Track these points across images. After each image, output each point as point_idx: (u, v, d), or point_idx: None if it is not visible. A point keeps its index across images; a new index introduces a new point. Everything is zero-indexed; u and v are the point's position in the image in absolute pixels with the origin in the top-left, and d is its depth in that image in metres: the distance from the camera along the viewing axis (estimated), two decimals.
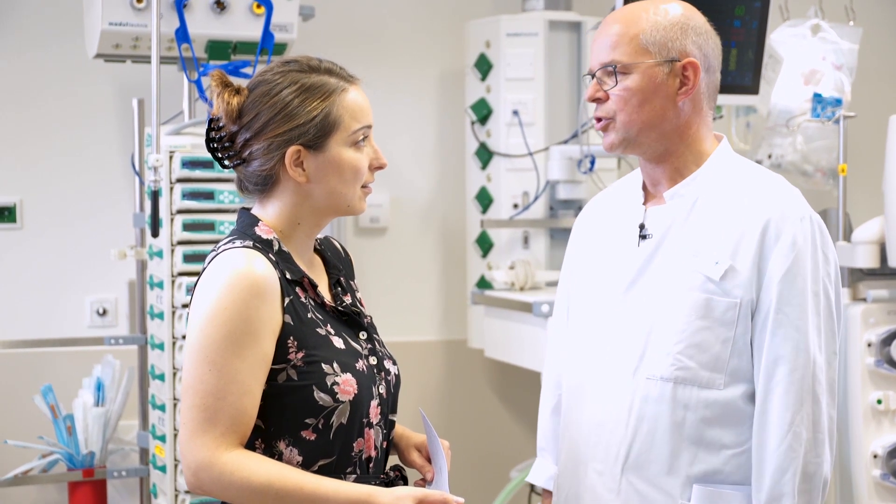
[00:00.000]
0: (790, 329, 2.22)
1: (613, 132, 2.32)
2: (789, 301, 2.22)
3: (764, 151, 4.32)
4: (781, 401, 2.21)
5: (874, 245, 3.71)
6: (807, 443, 2.22)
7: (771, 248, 2.23)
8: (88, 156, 4.28)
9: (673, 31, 2.29)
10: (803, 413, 2.22)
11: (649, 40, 2.28)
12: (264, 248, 2.10)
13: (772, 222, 2.24)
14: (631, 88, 2.28)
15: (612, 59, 2.29)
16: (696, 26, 2.32)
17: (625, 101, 2.29)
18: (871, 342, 3.66)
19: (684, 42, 2.29)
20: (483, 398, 4.74)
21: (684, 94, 2.30)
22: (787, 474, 2.21)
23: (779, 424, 2.21)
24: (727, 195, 2.30)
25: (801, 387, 2.22)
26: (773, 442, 2.22)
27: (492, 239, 4.41)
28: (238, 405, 2.01)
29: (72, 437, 3.86)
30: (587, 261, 2.47)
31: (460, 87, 4.55)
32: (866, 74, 4.56)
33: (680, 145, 2.33)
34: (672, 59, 2.28)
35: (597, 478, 2.34)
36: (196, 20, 3.69)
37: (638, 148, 2.33)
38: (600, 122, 2.34)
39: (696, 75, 2.30)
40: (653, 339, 2.28)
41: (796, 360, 2.22)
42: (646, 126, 2.30)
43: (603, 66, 2.30)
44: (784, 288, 2.22)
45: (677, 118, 2.31)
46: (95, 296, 4.30)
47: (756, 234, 2.24)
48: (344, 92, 2.13)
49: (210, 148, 2.17)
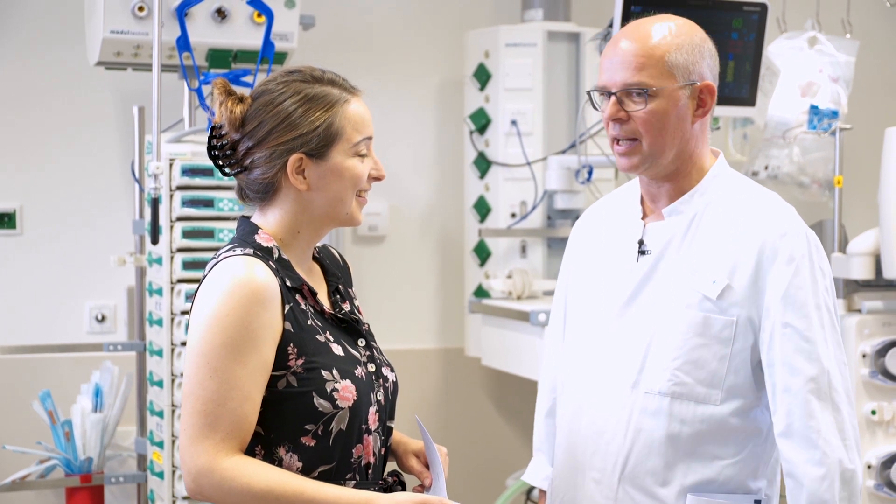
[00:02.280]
0: (799, 341, 2.23)
1: (637, 155, 2.31)
2: (794, 315, 2.23)
3: (761, 163, 4.33)
4: (803, 412, 2.22)
5: (869, 257, 3.73)
6: (839, 449, 2.22)
7: (769, 266, 2.26)
8: (89, 163, 4.29)
9: (693, 55, 2.30)
10: (828, 421, 2.22)
11: (674, 63, 2.28)
12: (264, 255, 2.12)
13: (768, 240, 2.26)
14: (657, 112, 2.28)
15: (639, 80, 2.28)
16: (709, 48, 2.34)
17: (650, 125, 2.29)
18: (866, 353, 3.68)
19: (702, 65, 2.31)
20: (480, 406, 4.76)
21: (699, 117, 2.33)
22: (826, 482, 2.21)
23: (806, 435, 2.22)
24: (724, 213, 2.32)
25: (818, 396, 2.23)
26: (806, 455, 2.22)
27: (489, 248, 4.43)
28: (238, 411, 2.03)
29: (70, 443, 3.87)
30: (585, 273, 2.49)
31: (459, 96, 4.57)
32: (863, 87, 4.58)
33: (688, 164, 2.35)
34: (692, 83, 2.30)
35: (594, 486, 2.37)
36: (197, 29, 3.71)
37: (653, 169, 2.34)
38: (620, 143, 2.33)
39: (712, 98, 2.32)
40: (651, 355, 2.31)
41: (810, 371, 2.23)
42: (667, 148, 2.31)
43: (627, 87, 2.29)
44: (787, 303, 2.24)
45: (690, 139, 2.33)
46: (94, 302, 4.31)
47: (753, 252, 2.27)
48: (346, 103, 2.15)
49: (212, 156, 2.18)
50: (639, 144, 2.31)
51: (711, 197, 2.35)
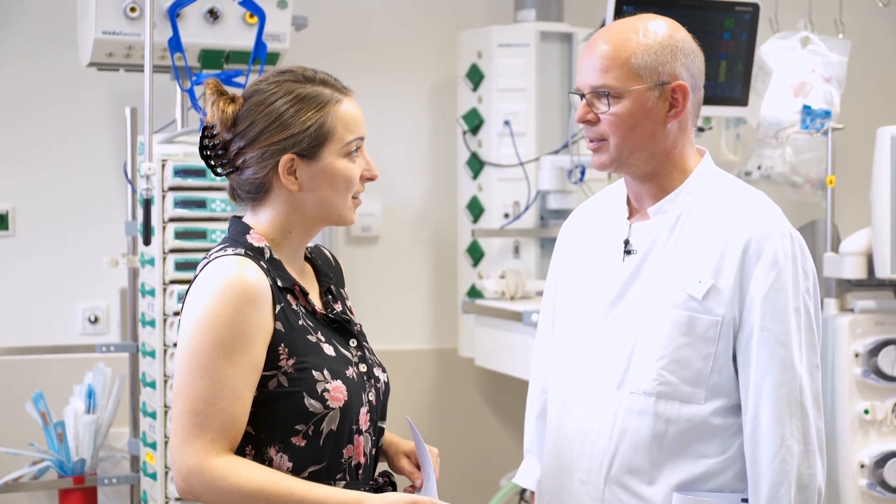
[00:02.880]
0: (775, 345, 2.26)
1: (605, 154, 2.34)
2: (772, 318, 2.26)
3: (753, 163, 4.34)
4: (771, 416, 2.26)
5: (862, 256, 3.74)
6: (799, 455, 2.26)
7: (752, 267, 2.27)
8: (81, 164, 4.29)
9: (663, 55, 2.30)
10: (793, 427, 2.26)
11: (640, 65, 2.29)
12: (256, 255, 2.11)
13: (753, 241, 2.27)
14: (622, 114, 2.30)
15: (604, 83, 2.30)
16: (683, 47, 2.33)
17: (616, 126, 2.31)
18: (859, 353, 3.68)
19: (674, 65, 2.31)
20: (473, 407, 4.76)
21: (673, 117, 2.33)
22: (783, 487, 2.25)
23: (771, 440, 2.26)
24: (710, 212, 2.33)
25: (789, 401, 2.26)
26: (767, 457, 2.26)
27: (483, 248, 4.43)
28: (229, 411, 2.03)
29: (63, 445, 3.86)
30: (572, 273, 2.50)
31: (452, 97, 4.57)
32: (855, 87, 4.59)
33: (667, 164, 2.36)
34: (662, 83, 2.30)
35: (581, 486, 2.38)
36: (189, 29, 3.71)
37: (627, 168, 2.36)
38: (592, 142, 2.36)
39: (685, 98, 2.32)
40: (636, 355, 2.32)
41: (783, 376, 2.26)
42: (636, 149, 2.32)
43: (594, 90, 2.32)
44: (767, 306, 2.26)
45: (665, 140, 2.34)
46: (87, 303, 4.31)
47: (738, 252, 2.27)
48: (338, 103, 2.15)
49: (203, 156, 2.18)
50: (606, 144, 2.33)
51: (697, 196, 2.35)
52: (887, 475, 3.62)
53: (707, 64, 2.43)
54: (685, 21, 2.39)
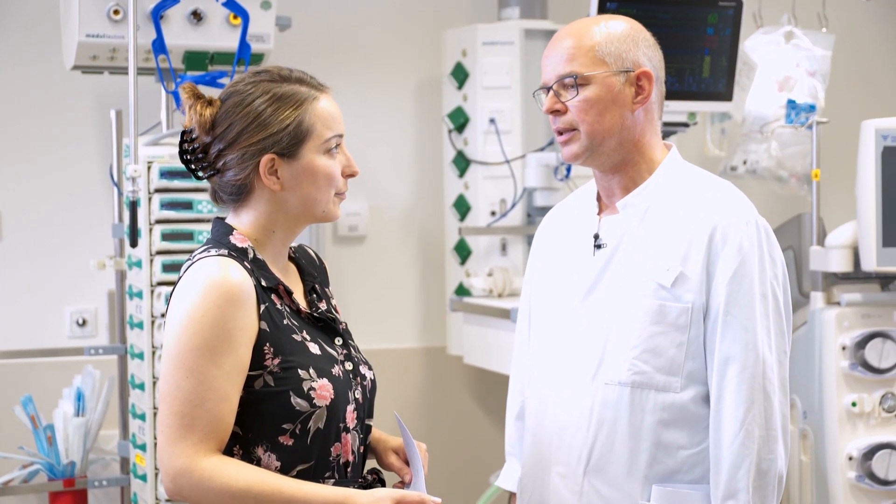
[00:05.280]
0: (739, 330, 2.27)
1: (577, 143, 2.37)
2: (737, 303, 2.28)
3: (739, 157, 4.35)
4: (733, 399, 2.27)
5: (847, 249, 3.75)
6: (759, 440, 2.27)
7: (718, 253, 2.29)
8: (67, 167, 4.28)
9: (626, 43, 2.36)
10: (755, 411, 2.27)
11: (605, 51, 2.34)
12: (239, 256, 2.12)
13: (718, 228, 2.30)
14: (591, 99, 2.33)
15: (571, 70, 2.34)
16: (645, 39, 2.40)
17: (585, 112, 2.34)
18: (846, 346, 3.70)
19: (637, 53, 2.36)
20: (462, 405, 4.76)
21: (640, 103, 2.36)
22: (741, 471, 2.26)
23: (732, 422, 2.27)
24: (676, 203, 2.36)
25: (751, 385, 2.27)
26: (727, 440, 2.27)
27: (470, 246, 4.43)
28: (216, 411, 2.03)
29: (52, 448, 3.86)
30: (546, 270, 2.53)
31: (437, 95, 4.57)
32: (839, 80, 4.60)
33: (635, 154, 2.39)
34: (627, 70, 2.34)
35: (560, 480, 2.39)
36: (173, 31, 3.70)
37: (598, 158, 2.38)
38: (562, 134, 2.39)
39: (650, 84, 2.36)
40: (610, 346, 2.34)
41: (746, 360, 2.27)
42: (607, 135, 2.35)
43: (560, 79, 2.35)
44: (731, 290, 2.28)
45: (633, 127, 2.37)
46: (75, 306, 4.31)
47: (704, 239, 2.30)
48: (315, 100, 2.15)
49: (184, 160, 2.19)
50: (577, 133, 2.36)
51: (664, 188, 2.38)
52: (875, 467, 3.63)
53: (691, 59, 2.46)
54: (669, 16, 2.42)
